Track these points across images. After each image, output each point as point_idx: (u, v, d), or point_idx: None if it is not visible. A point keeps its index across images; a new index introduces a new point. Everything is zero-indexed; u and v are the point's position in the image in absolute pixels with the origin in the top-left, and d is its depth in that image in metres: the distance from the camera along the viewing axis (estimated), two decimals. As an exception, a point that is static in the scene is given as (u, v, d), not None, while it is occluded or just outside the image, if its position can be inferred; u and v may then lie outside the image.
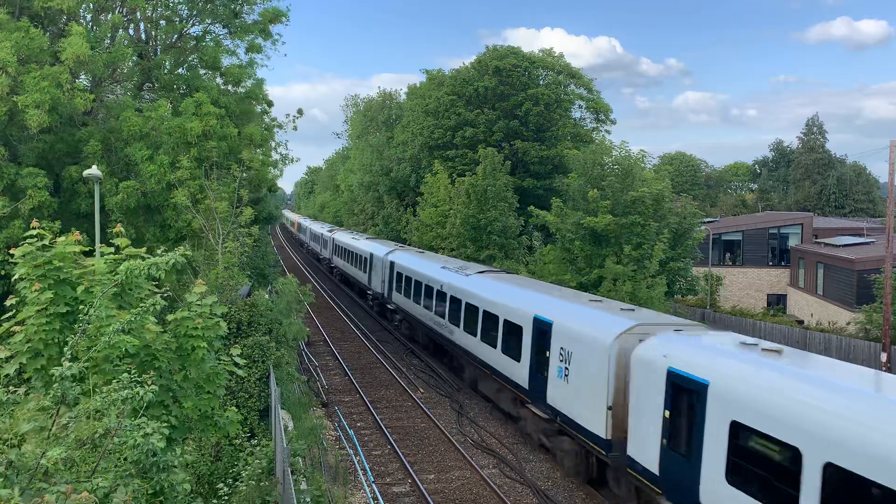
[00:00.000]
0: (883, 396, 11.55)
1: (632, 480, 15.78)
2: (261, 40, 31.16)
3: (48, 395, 7.30)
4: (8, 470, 5.77)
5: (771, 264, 55.63)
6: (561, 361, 19.07)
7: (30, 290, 8.85)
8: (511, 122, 56.40)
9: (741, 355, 13.99)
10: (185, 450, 7.97)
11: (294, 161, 35.42)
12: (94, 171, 20.81)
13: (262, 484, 13.69)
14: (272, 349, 19.97)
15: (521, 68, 58.50)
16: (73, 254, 9.44)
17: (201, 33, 30.79)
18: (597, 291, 31.35)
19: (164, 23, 30.05)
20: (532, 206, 40.41)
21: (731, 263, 56.21)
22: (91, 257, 10.04)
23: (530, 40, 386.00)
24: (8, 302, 9.29)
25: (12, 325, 9.06)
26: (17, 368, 8.75)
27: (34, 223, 9.40)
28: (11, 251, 9.28)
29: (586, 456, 18.17)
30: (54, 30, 26.58)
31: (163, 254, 8.71)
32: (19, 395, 8.13)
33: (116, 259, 9.51)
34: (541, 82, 59.50)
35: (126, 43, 27.74)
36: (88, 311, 8.09)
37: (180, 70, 30.48)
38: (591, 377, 17.45)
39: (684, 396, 14.13)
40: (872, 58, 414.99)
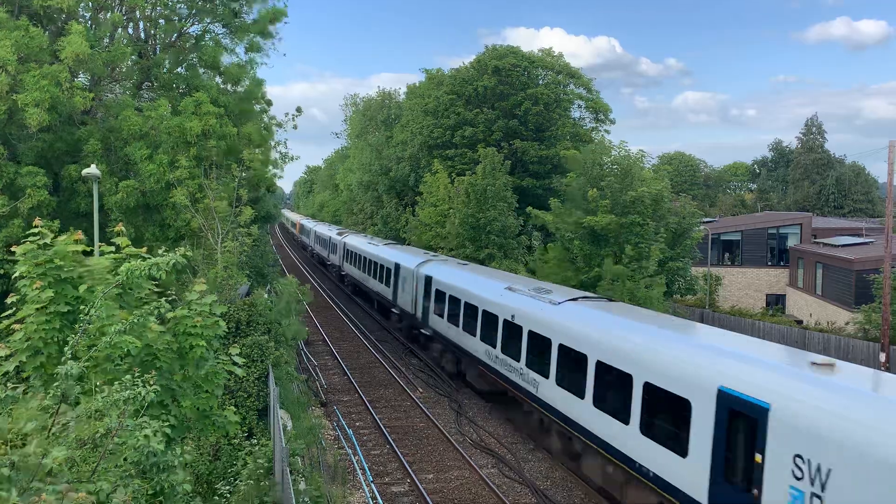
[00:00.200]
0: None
1: None
2: (260, 39, 31.15)
3: (49, 394, 7.30)
4: (10, 471, 5.77)
5: (770, 264, 55.67)
6: (800, 480, 10.97)
7: (30, 289, 8.86)
8: (510, 121, 56.43)
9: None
10: (185, 450, 7.95)
11: (294, 159, 35.28)
12: (92, 170, 20.81)
13: (261, 483, 13.70)
14: (271, 349, 19.97)
15: (520, 68, 58.52)
16: (74, 253, 9.43)
17: (201, 32, 30.76)
18: (595, 291, 31.37)
19: (163, 22, 30.01)
20: (531, 207, 40.42)
21: (730, 263, 56.24)
22: (91, 256, 10.04)
23: (530, 40, 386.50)
24: (8, 300, 9.29)
25: (12, 323, 9.06)
26: (16, 366, 8.75)
27: (37, 221, 9.40)
28: (13, 248, 9.28)
29: None
30: (53, 28, 26.54)
31: (164, 254, 8.70)
32: (18, 394, 8.14)
33: (117, 258, 9.51)
34: (540, 82, 59.52)
35: (125, 42, 27.69)
36: (89, 311, 8.09)
37: (179, 69, 30.44)
38: None
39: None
40: (872, 58, 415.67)
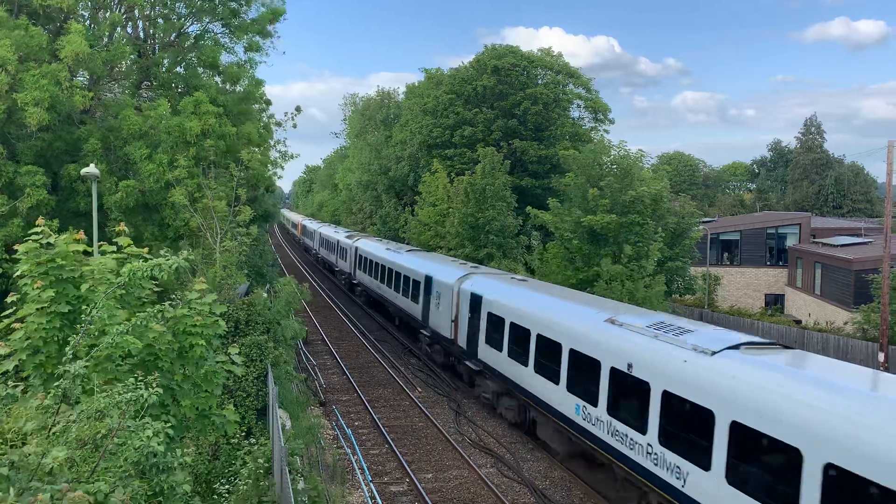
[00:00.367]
0: None
1: None
2: (259, 39, 31.13)
3: (49, 393, 7.30)
4: (10, 470, 5.77)
5: (769, 264, 55.69)
6: None
7: (31, 288, 8.87)
8: (510, 121, 56.42)
9: None
10: (186, 451, 7.95)
11: (293, 157, 35.14)
12: (91, 169, 20.77)
13: (260, 483, 13.70)
14: (270, 348, 19.97)
15: (519, 67, 58.53)
16: (75, 253, 9.45)
17: (200, 32, 30.74)
18: (593, 290, 31.37)
19: (162, 21, 30.00)
20: (530, 206, 40.42)
21: (728, 263, 56.26)
22: (90, 256, 10.05)
23: (529, 39, 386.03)
24: (9, 299, 9.30)
25: (12, 322, 9.07)
26: (15, 365, 8.76)
27: (39, 220, 9.41)
28: (16, 247, 9.30)
29: None
30: (52, 28, 26.51)
31: (166, 255, 8.72)
32: (17, 392, 8.14)
33: (118, 258, 9.54)
34: (539, 81, 59.54)
35: (124, 41, 27.68)
36: (91, 312, 8.10)
37: (178, 69, 30.43)
38: None
39: None
40: (871, 58, 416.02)
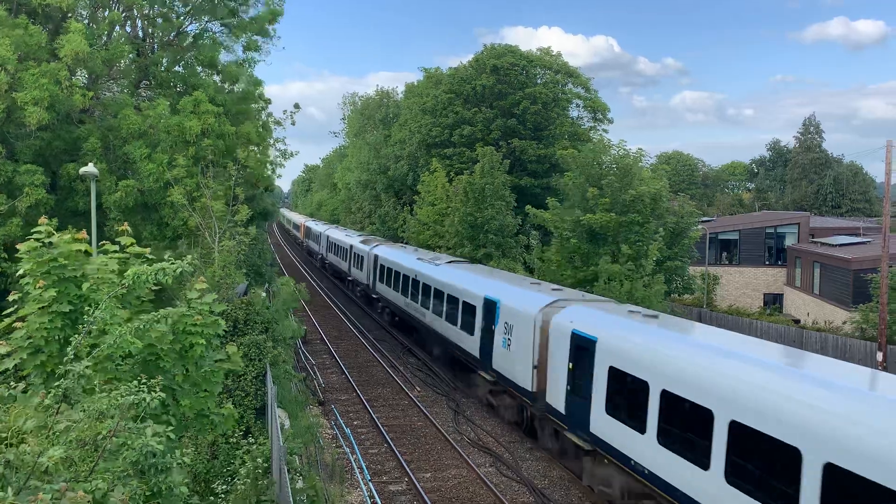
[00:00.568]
0: None
1: None
2: (258, 38, 31.12)
3: (50, 393, 7.30)
4: (6, 469, 5.76)
5: (767, 264, 55.70)
6: None
7: (33, 287, 8.86)
8: (509, 120, 56.42)
9: None
10: (184, 451, 7.95)
11: (293, 155, 35.01)
12: (90, 168, 20.75)
13: (259, 482, 13.70)
14: (269, 348, 19.97)
15: (518, 67, 58.52)
16: (78, 252, 9.46)
17: (199, 31, 30.73)
18: (592, 289, 31.37)
19: (161, 20, 29.98)
20: (529, 206, 40.42)
21: (727, 263, 56.27)
22: (90, 256, 10.05)
23: (528, 39, 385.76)
24: (10, 297, 9.30)
25: (13, 321, 9.06)
26: (15, 364, 8.75)
27: (42, 220, 9.40)
28: (18, 246, 9.30)
29: None
30: (50, 27, 26.48)
31: (170, 259, 8.72)
32: (16, 391, 8.13)
33: (120, 258, 9.55)
34: (538, 81, 59.53)
35: (123, 40, 27.67)
36: (94, 312, 8.09)
37: (177, 68, 30.41)
38: None
39: None
40: (870, 58, 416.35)
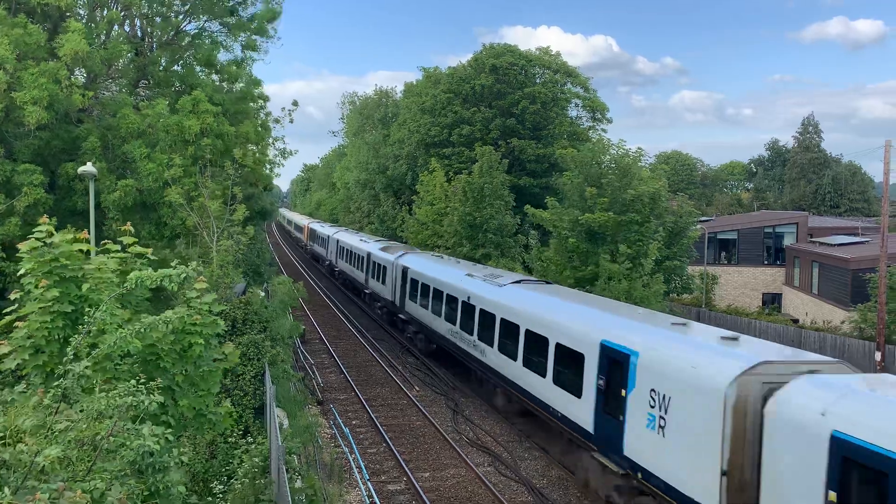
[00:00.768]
0: None
1: None
2: (257, 38, 31.10)
3: (49, 392, 7.30)
4: (3, 469, 5.76)
5: (766, 263, 55.76)
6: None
7: (34, 286, 8.86)
8: (508, 120, 56.41)
9: None
10: (182, 451, 7.95)
11: (293, 153, 35.01)
12: (88, 168, 20.72)
13: (257, 482, 13.70)
14: (267, 347, 19.97)
15: (517, 66, 58.51)
16: (79, 252, 9.47)
17: (197, 31, 30.71)
18: (592, 289, 31.40)
19: (159, 19, 29.95)
20: (528, 205, 40.43)
21: (726, 262, 56.32)
22: (89, 256, 10.06)
23: (527, 38, 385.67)
24: (11, 296, 9.30)
25: (14, 320, 9.06)
26: (17, 364, 8.75)
27: (43, 219, 9.40)
28: (18, 245, 9.30)
29: None
30: (49, 26, 26.45)
31: (175, 265, 8.74)
32: (16, 392, 8.14)
33: (120, 258, 9.57)
34: (537, 80, 59.53)
35: (122, 39, 27.64)
36: (95, 313, 8.09)
37: (175, 67, 30.39)
38: None
39: None
40: (869, 57, 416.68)
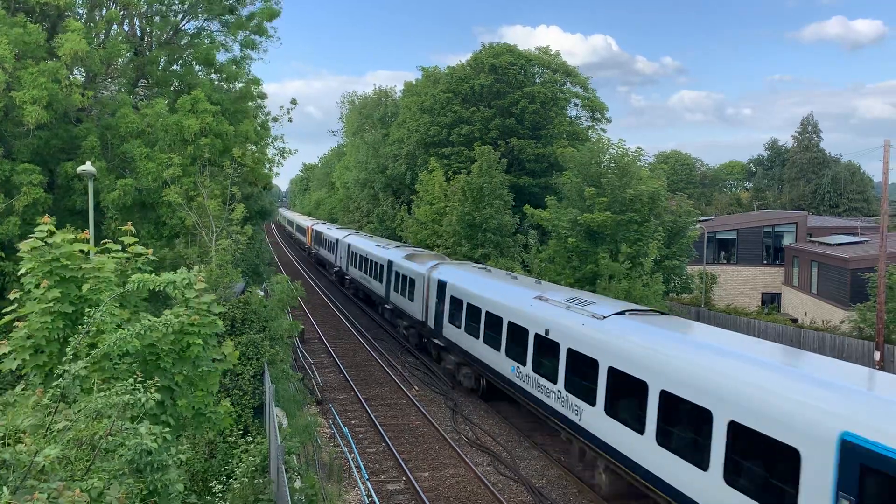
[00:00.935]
0: None
1: None
2: (256, 37, 31.09)
3: (48, 392, 7.29)
4: (2, 469, 5.75)
5: (765, 263, 55.77)
6: None
7: (35, 286, 8.85)
8: (507, 119, 56.38)
9: None
10: (180, 449, 7.94)
11: (292, 153, 34.90)
12: (87, 167, 20.69)
13: (256, 481, 13.69)
14: (266, 347, 19.96)
15: (516, 66, 58.48)
16: (80, 252, 9.46)
17: (196, 30, 30.71)
18: (592, 288, 31.39)
19: (158, 18, 29.94)
20: (527, 205, 40.42)
21: (725, 262, 56.31)
22: (88, 255, 10.05)
23: (526, 38, 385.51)
24: (11, 296, 9.29)
25: (14, 320, 9.04)
26: (19, 364, 8.74)
27: (45, 219, 9.39)
28: (19, 245, 9.29)
29: None
30: (47, 25, 26.42)
31: (172, 260, 8.77)
32: (17, 392, 8.12)
33: (119, 258, 9.56)
34: (536, 80, 59.50)
35: (121, 39, 27.64)
36: (95, 314, 8.08)
37: (174, 66, 30.38)
38: None
39: None
40: (868, 57, 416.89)
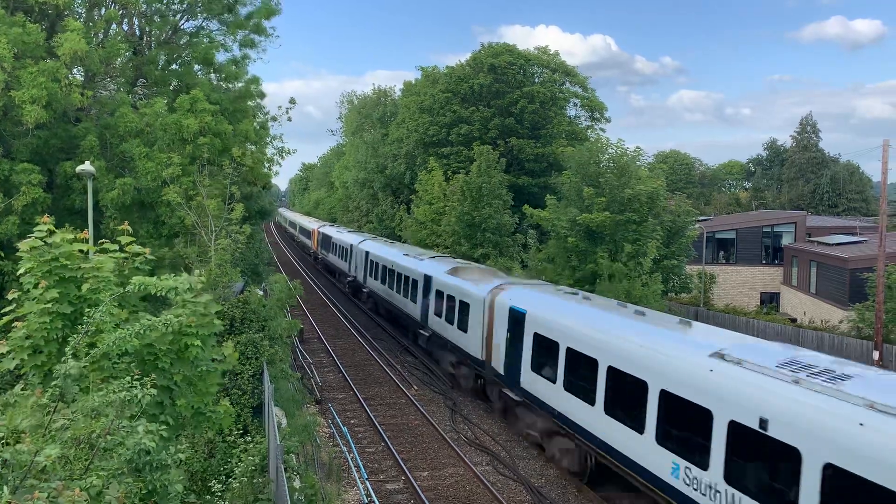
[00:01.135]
0: None
1: None
2: (255, 36, 31.10)
3: (47, 392, 7.30)
4: (3, 469, 5.76)
5: (764, 263, 55.79)
6: None
7: (34, 286, 8.85)
8: (506, 119, 56.39)
9: None
10: (180, 449, 7.94)
11: (291, 153, 34.87)
12: (86, 166, 20.68)
13: (255, 481, 13.69)
14: (265, 346, 19.95)
15: (516, 66, 58.51)
16: (79, 252, 9.45)
17: (195, 29, 30.70)
18: (591, 288, 31.40)
19: (157, 18, 29.93)
20: (527, 205, 40.43)
21: (724, 262, 56.33)
22: (87, 255, 10.05)
23: (525, 38, 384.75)
24: (10, 296, 9.28)
25: (12, 320, 9.04)
26: (17, 364, 8.74)
27: (45, 218, 9.38)
28: (18, 244, 9.28)
29: None
30: (46, 24, 26.40)
31: (170, 259, 8.79)
32: (15, 392, 8.13)
33: (118, 258, 9.56)
34: (536, 80, 59.54)
35: (120, 38, 27.63)
36: (94, 314, 8.08)
37: (174, 66, 30.37)
38: None
39: None
40: (868, 57, 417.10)
